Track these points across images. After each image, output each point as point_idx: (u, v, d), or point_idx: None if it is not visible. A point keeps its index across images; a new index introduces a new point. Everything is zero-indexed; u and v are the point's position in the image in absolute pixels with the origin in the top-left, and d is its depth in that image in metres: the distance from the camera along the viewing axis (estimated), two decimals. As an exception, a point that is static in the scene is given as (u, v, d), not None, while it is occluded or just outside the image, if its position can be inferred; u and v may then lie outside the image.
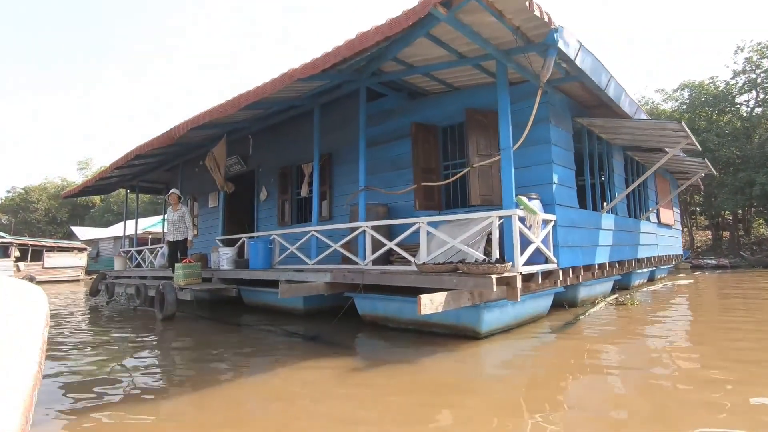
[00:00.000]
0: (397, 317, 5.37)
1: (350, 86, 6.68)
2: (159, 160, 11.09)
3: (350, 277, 5.41)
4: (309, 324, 6.09)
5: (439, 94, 6.88)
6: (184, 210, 7.78)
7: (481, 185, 5.81)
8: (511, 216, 4.55)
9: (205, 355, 4.44)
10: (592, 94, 6.18)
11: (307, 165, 9.15)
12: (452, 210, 6.71)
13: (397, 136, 7.39)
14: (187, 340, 5.32)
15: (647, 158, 9.65)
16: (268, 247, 7.39)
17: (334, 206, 8.48)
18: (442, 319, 4.90)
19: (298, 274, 6.15)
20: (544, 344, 4.59)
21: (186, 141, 9.20)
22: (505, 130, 4.72)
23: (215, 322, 6.63)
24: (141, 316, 7.58)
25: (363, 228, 6.14)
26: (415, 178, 6.43)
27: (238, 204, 11.86)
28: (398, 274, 4.86)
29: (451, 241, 5.05)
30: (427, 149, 6.58)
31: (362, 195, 6.40)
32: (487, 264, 4.21)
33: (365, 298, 5.60)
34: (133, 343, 5.09)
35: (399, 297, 5.22)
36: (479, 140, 5.89)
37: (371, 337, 5.15)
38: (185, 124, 6.74)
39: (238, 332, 5.78)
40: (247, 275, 7.05)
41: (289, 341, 4.99)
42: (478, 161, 5.80)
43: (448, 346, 4.43)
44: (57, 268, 21.79)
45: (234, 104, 5.75)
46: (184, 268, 7.29)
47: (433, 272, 4.54)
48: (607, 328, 5.21)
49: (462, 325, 4.74)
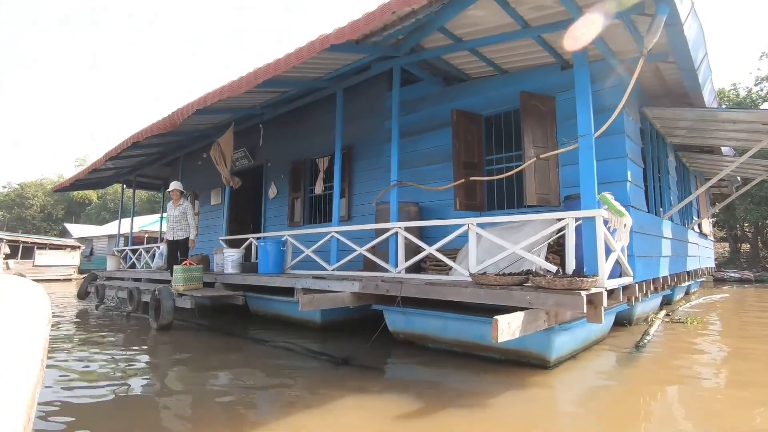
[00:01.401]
0: (439, 337, 4.49)
1: (380, 67, 5.81)
2: (158, 152, 10.21)
3: (384, 287, 4.51)
4: (328, 340, 5.21)
5: (481, 78, 6.02)
6: (186, 206, 6.88)
7: (538, 182, 4.94)
8: (594, 218, 3.67)
9: (207, 382, 3.53)
10: (662, 80, 5.33)
11: (322, 159, 8.27)
12: (496, 212, 5.83)
13: (430, 126, 6.53)
14: (184, 360, 4.40)
15: (693, 159, 8.81)
16: (281, 249, 6.49)
17: (353, 205, 7.60)
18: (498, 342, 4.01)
19: (318, 281, 5.25)
20: (626, 374, 3.71)
21: (188, 129, 8.32)
22: (585, 113, 3.86)
23: (218, 334, 5.73)
24: (133, 324, 6.66)
25: (395, 229, 5.25)
26: (456, 174, 5.56)
27: (242, 202, 10.95)
28: (448, 286, 3.98)
29: (511, 247, 4.17)
30: (470, 141, 5.70)
31: (394, 192, 5.51)
32: (568, 276, 3.32)
33: (399, 313, 4.70)
34: (118, 363, 4.17)
35: (443, 313, 4.34)
36: (535, 130, 5.02)
37: (410, 360, 4.26)
38: (191, 106, 5.86)
39: (248, 349, 4.87)
40: (257, 281, 6.14)
41: (314, 365, 4.09)
42: (535, 154, 4.93)
43: (511, 376, 3.57)
44: (48, 267, 20.81)
45: (250, 80, 4.88)
46: (184, 271, 6.39)
47: (497, 285, 3.65)
48: (690, 354, 4.33)
49: (526, 351, 3.86)
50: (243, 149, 9.86)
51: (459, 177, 5.49)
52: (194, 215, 6.89)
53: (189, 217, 6.78)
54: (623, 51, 4.64)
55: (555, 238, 4.52)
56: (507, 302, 3.54)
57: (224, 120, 8.09)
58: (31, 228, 40.59)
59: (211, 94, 5.48)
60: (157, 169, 12.62)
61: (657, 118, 5.73)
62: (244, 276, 6.43)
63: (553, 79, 5.27)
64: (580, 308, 3.16)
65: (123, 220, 14.33)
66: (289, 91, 6.65)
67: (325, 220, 8.35)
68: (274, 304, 6.34)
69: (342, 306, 4.81)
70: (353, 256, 5.76)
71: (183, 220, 6.81)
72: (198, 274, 6.59)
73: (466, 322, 4.22)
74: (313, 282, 5.31)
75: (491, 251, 4.96)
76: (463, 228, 4.60)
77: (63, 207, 43.74)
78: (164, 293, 5.96)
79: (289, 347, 4.78)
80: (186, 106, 5.98)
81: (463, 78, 6.10)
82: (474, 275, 3.89)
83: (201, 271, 6.67)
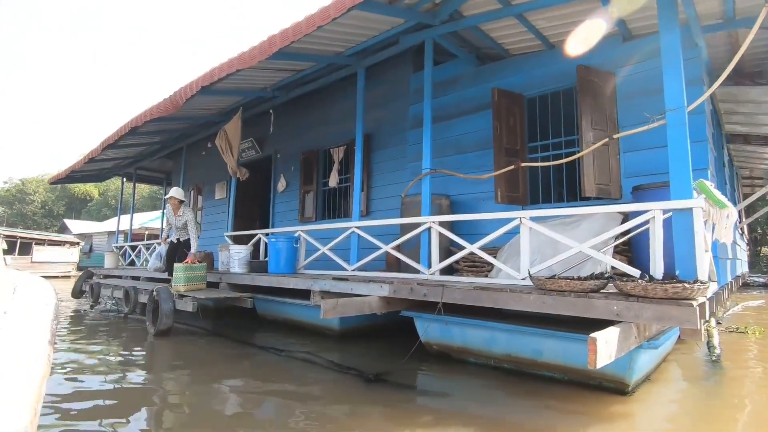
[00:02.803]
0: (483, 350, 3.81)
1: (410, 40, 5.12)
2: (160, 141, 9.54)
3: (421, 291, 3.83)
4: (350, 349, 4.55)
5: (524, 55, 5.32)
6: (188, 217, 6.16)
7: (598, 171, 4.24)
8: (691, 209, 2.97)
9: (211, 409, 2.84)
10: (734, 53, 4.60)
11: (337, 149, 7.58)
12: (540, 205, 5.14)
13: (462, 111, 5.83)
14: (184, 374, 3.71)
15: (738, 151, 8.09)
16: (294, 246, 5.81)
17: (372, 199, 6.91)
18: (559, 359, 3.34)
19: (338, 283, 4.57)
20: (721, 393, 3.02)
21: (192, 114, 7.65)
22: (676, 82, 3.15)
23: (224, 341, 5.05)
24: (130, 327, 6.01)
25: (428, 224, 4.57)
26: (497, 161, 4.86)
27: (248, 197, 10.27)
28: (505, 292, 3.28)
29: (577, 246, 3.47)
30: (511, 125, 5.01)
31: (426, 182, 4.82)
32: (673, 282, 2.63)
33: (436, 321, 4.01)
34: (107, 375, 3.49)
35: (492, 323, 3.66)
36: (594, 110, 4.32)
37: (452, 378, 3.59)
38: (195, 83, 5.19)
39: (259, 360, 4.19)
40: (267, 282, 5.46)
41: (339, 380, 3.41)
42: (594, 137, 4.24)
43: (583, 404, 2.92)
44: (46, 263, 20.19)
45: (265, 49, 4.20)
46: (186, 269, 5.71)
47: (570, 291, 2.95)
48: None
49: (598, 372, 3.15)
50: (250, 139, 9.19)
51: (500, 165, 4.79)
52: (197, 225, 6.20)
53: (191, 230, 6.09)
54: (707, 14, 3.94)
55: (620, 236, 3.83)
56: (585, 313, 2.85)
57: (231, 104, 7.42)
58: (31, 224, 40.09)
59: (218, 68, 4.81)
60: (159, 162, 11.97)
61: (726, 98, 5.03)
62: (252, 276, 5.75)
63: (613, 52, 4.57)
64: (692, 322, 2.46)
65: (123, 216, 13.68)
66: (305, 69, 5.97)
67: (340, 215, 7.67)
68: (285, 307, 5.66)
69: (369, 313, 4.13)
70: (377, 255, 5.07)
71: (185, 229, 6.21)
72: (201, 273, 5.92)
73: (521, 335, 3.53)
74: (333, 284, 4.62)
75: (541, 251, 4.27)
76: (513, 223, 3.90)
77: (64, 203, 43.22)
78: (163, 294, 5.29)
79: (308, 358, 4.11)
80: (190, 83, 5.31)
81: (502, 55, 5.40)
82: (537, 279, 3.19)
83: (205, 270, 6.00)
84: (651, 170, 4.16)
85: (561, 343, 3.33)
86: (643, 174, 4.29)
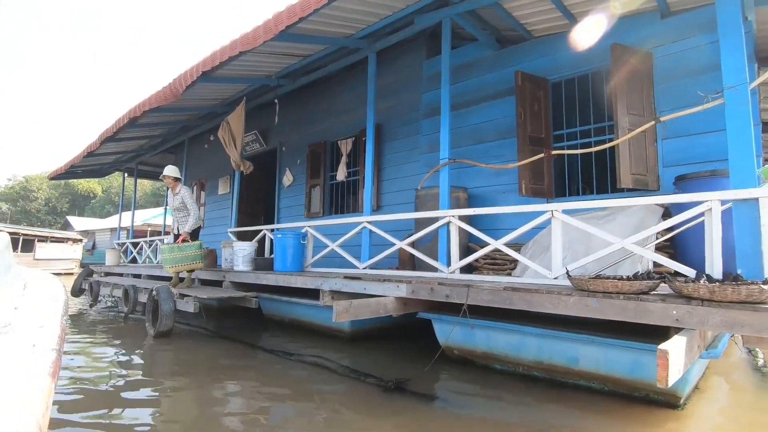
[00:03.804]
0: (511, 356, 3.47)
1: (426, 20, 4.75)
2: (160, 134, 9.22)
3: (443, 291, 3.48)
4: (362, 353, 4.25)
5: (548, 36, 4.94)
6: (183, 193, 5.68)
7: (634, 160, 3.87)
8: (757, 199, 2.61)
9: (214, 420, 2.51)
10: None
11: (345, 141, 7.23)
12: (566, 198, 4.78)
13: (480, 98, 5.46)
14: (185, 380, 3.39)
15: None
16: (301, 243, 5.47)
17: (382, 193, 6.56)
18: (599, 368, 3.00)
19: (350, 282, 4.23)
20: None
21: (193, 104, 7.32)
22: (736, 56, 2.78)
23: (228, 343, 4.74)
24: (131, 328, 5.74)
25: (448, 218, 4.22)
26: (521, 151, 4.50)
27: (252, 192, 9.96)
28: (540, 294, 2.94)
29: (619, 242, 3.11)
30: (536, 111, 4.64)
31: (445, 173, 4.47)
32: (746, 283, 2.27)
33: (458, 324, 3.67)
34: (99, 384, 3.17)
35: (522, 326, 3.32)
36: (630, 93, 3.95)
37: (478, 386, 3.25)
38: (196, 68, 4.86)
39: (266, 364, 3.87)
40: (274, 281, 5.13)
41: (355, 388, 3.08)
42: (630, 123, 3.87)
43: (631, 420, 2.55)
44: (49, 260, 19.99)
45: (270, 28, 3.86)
46: (173, 249, 5.33)
47: (618, 293, 2.60)
48: None
49: (645, 382, 2.81)
50: (254, 132, 8.86)
51: (524, 154, 4.43)
52: (194, 200, 5.73)
53: (189, 206, 5.63)
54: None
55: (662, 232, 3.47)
56: (638, 318, 2.50)
57: (234, 94, 7.08)
58: (35, 221, 40.05)
59: (220, 51, 4.47)
60: (160, 157, 11.66)
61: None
62: (257, 274, 5.42)
63: (650, 29, 4.18)
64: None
65: (126, 213, 13.40)
66: (312, 54, 5.61)
67: (348, 210, 7.34)
68: (293, 307, 5.34)
69: (384, 315, 3.79)
70: (390, 252, 4.73)
71: (185, 210, 5.74)
72: (192, 252, 5.45)
73: (556, 340, 3.20)
74: (344, 283, 4.29)
75: (572, 248, 3.93)
76: (543, 216, 3.55)
77: (68, 200, 43.15)
78: (163, 294, 4.98)
79: (320, 363, 3.79)
80: (190, 69, 4.97)
81: (525, 37, 5.02)
82: (578, 278, 2.84)
83: (199, 249, 5.59)
84: (695, 158, 3.79)
85: (602, 350, 2.99)
86: (686, 162, 3.92)
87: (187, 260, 5.43)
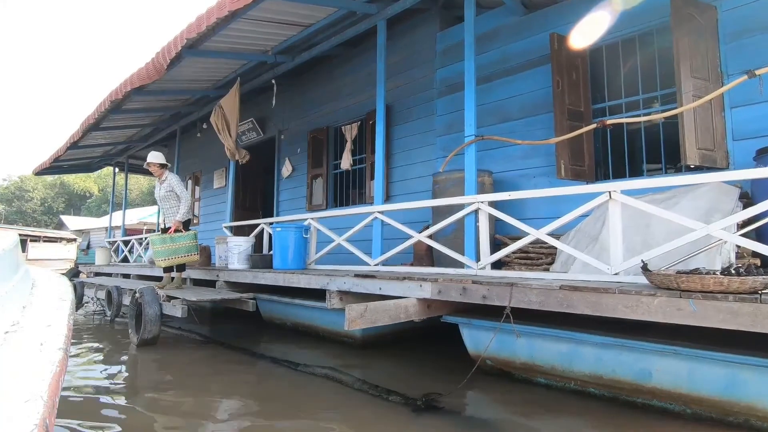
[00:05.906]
0: (561, 369, 2.87)
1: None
2: (150, 122, 8.57)
3: (479, 292, 2.87)
4: (379, 363, 3.66)
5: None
6: (171, 180, 5.02)
7: (701, 133, 3.25)
8: None
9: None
10: None
11: (350, 126, 6.60)
12: (610, 180, 4.15)
13: (504, 70, 4.83)
14: (171, 396, 2.77)
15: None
16: (303, 237, 4.85)
17: (392, 182, 5.93)
18: (680, 385, 2.41)
19: (362, 281, 3.61)
20: None
21: (181, 87, 6.68)
22: None
23: (224, 351, 4.14)
24: (116, 333, 5.17)
25: (476, 204, 3.60)
26: (558, 126, 3.88)
27: (249, 185, 9.33)
28: (609, 294, 2.32)
29: (703, 228, 2.49)
30: (574, 80, 4.01)
31: (470, 153, 3.85)
32: None
33: (491, 329, 3.05)
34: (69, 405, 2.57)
35: (578, 333, 2.71)
36: (693, 54, 3.32)
37: (525, 405, 2.63)
38: (179, 38, 4.22)
39: (268, 377, 3.26)
40: (273, 281, 4.52)
41: (380, 410, 2.47)
42: (694, 87, 3.25)
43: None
44: (42, 260, 19.32)
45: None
46: (164, 241, 4.70)
47: (727, 293, 1.98)
48: None
49: (739, 405, 2.22)
50: (251, 120, 8.22)
51: (563, 130, 3.80)
52: (184, 187, 5.08)
53: (177, 189, 4.96)
54: None
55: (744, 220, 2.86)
56: (755, 326, 1.89)
57: (227, 75, 6.44)
58: (31, 221, 39.42)
59: (206, 14, 3.83)
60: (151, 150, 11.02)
61: None
62: (255, 273, 4.80)
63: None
64: None
65: (119, 211, 12.76)
66: (314, 23, 4.96)
67: (353, 202, 6.71)
68: (295, 310, 4.73)
69: (405, 320, 3.18)
70: (407, 245, 4.11)
71: (173, 200, 5.09)
72: (186, 243, 4.82)
73: (622, 350, 2.59)
74: (355, 282, 3.67)
75: (625, 238, 3.30)
76: (599, 199, 2.93)
77: (64, 200, 42.50)
78: (147, 296, 4.36)
79: (330, 374, 3.18)
80: (174, 39, 4.33)
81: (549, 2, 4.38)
82: (662, 275, 2.22)
83: (194, 239, 4.93)
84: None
85: (684, 362, 2.39)
86: (754, 135, 3.30)
87: (180, 252, 4.81)
